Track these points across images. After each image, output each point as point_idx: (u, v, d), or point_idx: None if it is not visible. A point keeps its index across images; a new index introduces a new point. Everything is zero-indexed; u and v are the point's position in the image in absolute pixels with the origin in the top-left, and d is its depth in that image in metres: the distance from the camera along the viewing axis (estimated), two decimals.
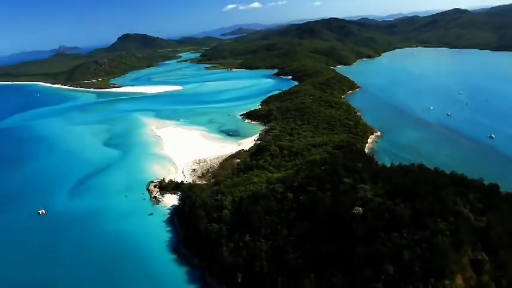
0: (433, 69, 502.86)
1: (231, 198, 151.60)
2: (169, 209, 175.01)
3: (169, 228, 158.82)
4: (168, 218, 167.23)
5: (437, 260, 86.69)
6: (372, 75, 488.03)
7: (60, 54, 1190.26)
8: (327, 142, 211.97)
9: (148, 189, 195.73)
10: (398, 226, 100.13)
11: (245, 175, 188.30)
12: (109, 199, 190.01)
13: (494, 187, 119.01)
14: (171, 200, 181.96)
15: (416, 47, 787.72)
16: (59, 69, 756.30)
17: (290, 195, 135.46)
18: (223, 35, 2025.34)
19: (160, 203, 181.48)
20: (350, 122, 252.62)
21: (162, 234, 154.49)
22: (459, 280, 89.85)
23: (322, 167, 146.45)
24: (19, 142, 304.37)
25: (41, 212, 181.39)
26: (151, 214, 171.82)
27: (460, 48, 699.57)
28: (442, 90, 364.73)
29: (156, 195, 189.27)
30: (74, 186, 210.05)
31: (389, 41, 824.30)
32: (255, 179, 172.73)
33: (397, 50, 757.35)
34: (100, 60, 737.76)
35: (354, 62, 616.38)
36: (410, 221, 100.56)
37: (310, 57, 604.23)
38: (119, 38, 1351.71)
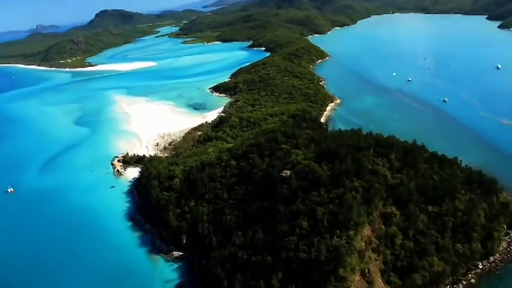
0: (403, 35, 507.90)
1: (182, 168, 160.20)
2: (130, 181, 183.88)
3: (128, 199, 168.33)
4: (128, 189, 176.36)
5: (343, 214, 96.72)
6: (344, 44, 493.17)
7: (36, 34, 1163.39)
8: (284, 111, 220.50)
9: (112, 164, 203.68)
10: (317, 186, 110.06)
11: (203, 146, 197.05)
12: (75, 175, 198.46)
13: (415, 147, 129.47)
14: (132, 173, 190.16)
15: (393, 13, 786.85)
16: (35, 49, 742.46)
17: (233, 162, 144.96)
18: (204, 7, 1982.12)
19: (122, 176, 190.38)
20: (310, 91, 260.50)
21: (121, 205, 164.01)
22: (367, 231, 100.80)
23: (267, 135, 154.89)
24: None
25: (9, 190, 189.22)
26: (112, 187, 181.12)
27: (435, 13, 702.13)
28: (408, 56, 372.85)
29: (119, 169, 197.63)
30: (43, 164, 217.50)
31: (366, 8, 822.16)
32: (210, 149, 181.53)
33: (373, 17, 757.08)
34: (76, 39, 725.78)
35: (329, 30, 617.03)
36: (329, 180, 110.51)
37: (286, 28, 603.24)
38: (97, 15, 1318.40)
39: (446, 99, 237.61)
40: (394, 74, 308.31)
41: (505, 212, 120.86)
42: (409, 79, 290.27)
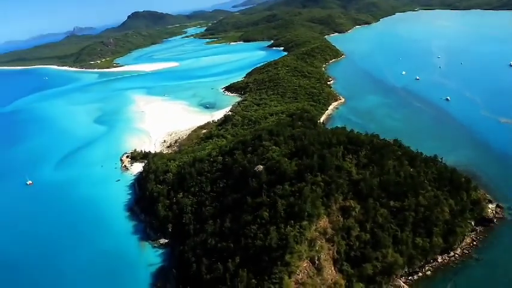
0: (423, 33, 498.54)
1: (177, 163, 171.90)
2: (134, 175, 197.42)
3: (129, 191, 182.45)
4: (131, 183, 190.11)
5: (298, 206, 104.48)
6: (361, 42, 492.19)
7: (72, 36, 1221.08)
8: (284, 110, 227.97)
9: (121, 160, 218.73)
10: (283, 180, 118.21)
11: (204, 143, 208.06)
12: (87, 169, 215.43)
13: (386, 144, 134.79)
14: (137, 168, 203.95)
15: (418, 10, 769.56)
16: (69, 51, 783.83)
17: (220, 158, 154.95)
18: (234, 7, 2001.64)
19: (128, 171, 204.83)
20: (314, 91, 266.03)
21: (123, 196, 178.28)
22: (323, 222, 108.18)
23: (255, 133, 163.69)
24: (20, 124, 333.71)
25: (28, 182, 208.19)
26: (118, 180, 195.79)
27: (461, 9, 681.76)
28: (423, 54, 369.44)
29: (126, 164, 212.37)
30: (61, 159, 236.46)
31: (392, 6, 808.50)
32: (209, 146, 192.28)
33: (397, 15, 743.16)
34: (106, 41, 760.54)
35: (350, 29, 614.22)
36: (294, 175, 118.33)
37: (307, 27, 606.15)
38: (129, 17, 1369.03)
39: (449, 97, 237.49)
40: (404, 72, 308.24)
41: (474, 208, 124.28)
42: (417, 78, 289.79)
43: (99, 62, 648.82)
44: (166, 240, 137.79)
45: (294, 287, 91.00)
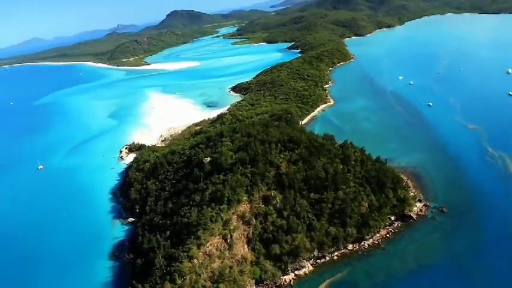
0: (439, 37, 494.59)
1: (157, 154, 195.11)
2: (127, 164, 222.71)
3: (118, 178, 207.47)
4: (122, 171, 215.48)
5: (220, 192, 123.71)
6: (375, 46, 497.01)
7: (112, 34, 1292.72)
8: (268, 111, 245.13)
9: (120, 151, 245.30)
10: (221, 170, 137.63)
11: (192, 139, 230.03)
12: (90, 158, 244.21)
13: (320, 144, 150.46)
14: (131, 158, 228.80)
15: (447, 13, 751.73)
16: (105, 48, 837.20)
17: (188, 151, 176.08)
18: (272, 6, 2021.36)
19: (123, 161, 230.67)
20: (305, 93, 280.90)
21: (112, 182, 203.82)
22: (243, 207, 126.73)
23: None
24: (46, 115, 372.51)
25: (40, 167, 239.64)
26: (112, 168, 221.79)
27: (492, 13, 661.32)
28: (429, 59, 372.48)
29: (123, 155, 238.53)
30: (71, 148, 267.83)
31: (422, 8, 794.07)
32: (190, 141, 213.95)
33: (424, 18, 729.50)
34: (140, 39, 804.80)
35: (370, 32, 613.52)
36: (229, 166, 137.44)
37: (329, 29, 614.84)
38: (168, 15, 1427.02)
39: (431, 103, 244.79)
40: (401, 77, 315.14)
41: (398, 205, 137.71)
42: (411, 83, 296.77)
43: (130, 60, 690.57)
44: (133, 219, 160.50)
45: (201, 256, 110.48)
